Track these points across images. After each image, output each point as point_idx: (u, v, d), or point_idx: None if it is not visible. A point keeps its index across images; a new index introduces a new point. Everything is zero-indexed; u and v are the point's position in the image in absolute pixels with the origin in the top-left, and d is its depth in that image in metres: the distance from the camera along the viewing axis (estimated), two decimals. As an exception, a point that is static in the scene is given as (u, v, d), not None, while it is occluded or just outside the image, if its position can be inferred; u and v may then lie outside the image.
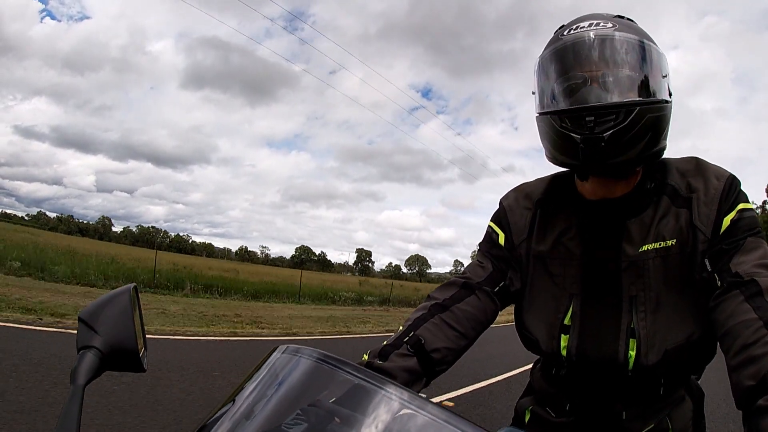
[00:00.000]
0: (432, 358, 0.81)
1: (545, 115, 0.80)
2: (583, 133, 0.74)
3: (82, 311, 0.58)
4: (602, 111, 0.73)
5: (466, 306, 0.87)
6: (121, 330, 0.58)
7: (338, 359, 0.47)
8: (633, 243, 0.80)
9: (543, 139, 0.84)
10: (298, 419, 0.48)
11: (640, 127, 0.74)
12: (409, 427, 0.41)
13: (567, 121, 0.76)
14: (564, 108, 0.77)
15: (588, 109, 0.73)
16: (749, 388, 0.60)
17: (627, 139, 0.73)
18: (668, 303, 0.79)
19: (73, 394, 0.50)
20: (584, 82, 0.76)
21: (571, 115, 0.75)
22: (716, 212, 0.77)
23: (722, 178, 0.80)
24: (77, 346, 0.56)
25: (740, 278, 0.70)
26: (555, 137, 0.79)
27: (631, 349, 0.79)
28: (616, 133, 0.73)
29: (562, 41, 0.79)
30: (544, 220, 0.90)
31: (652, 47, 0.78)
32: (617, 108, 0.73)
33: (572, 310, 0.84)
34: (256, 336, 7.66)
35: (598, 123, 0.73)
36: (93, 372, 0.54)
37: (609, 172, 0.79)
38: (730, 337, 0.67)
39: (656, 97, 0.76)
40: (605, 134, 0.72)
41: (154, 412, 3.27)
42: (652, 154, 0.78)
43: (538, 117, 0.83)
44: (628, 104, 0.73)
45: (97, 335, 0.57)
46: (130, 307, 0.60)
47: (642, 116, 0.73)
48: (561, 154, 0.80)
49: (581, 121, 0.74)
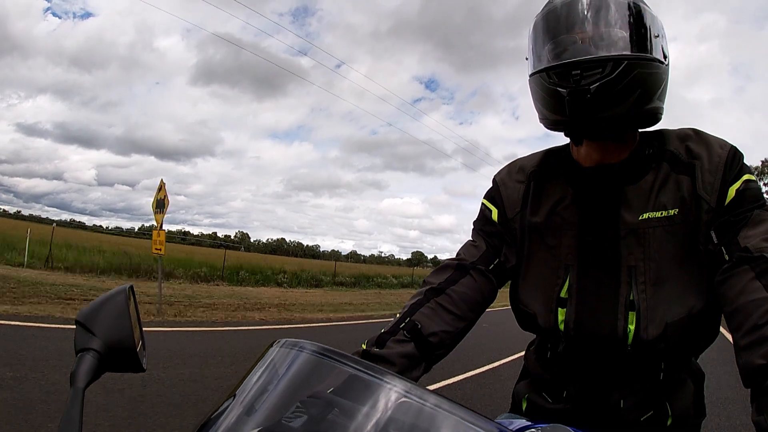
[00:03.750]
0: (429, 342, 0.81)
1: (535, 75, 0.79)
2: (569, 86, 0.73)
3: (79, 313, 0.58)
4: (589, 64, 0.72)
5: (462, 287, 0.86)
6: (119, 330, 0.58)
7: (335, 351, 0.47)
8: (632, 210, 0.79)
9: (535, 101, 0.83)
10: (298, 412, 0.48)
11: (629, 81, 0.72)
12: (408, 416, 0.41)
13: (554, 76, 0.75)
14: (551, 64, 0.76)
15: (574, 63, 0.73)
16: (759, 367, 0.60)
17: (615, 93, 0.72)
18: (669, 275, 0.77)
19: (74, 397, 0.50)
20: (572, 41, 0.75)
21: (558, 70, 0.75)
22: (721, 181, 0.75)
23: (725, 147, 0.78)
24: (75, 348, 0.56)
25: (749, 253, 0.69)
26: (544, 95, 0.78)
27: (630, 323, 0.77)
28: (602, 85, 0.71)
29: (553, 4, 0.79)
30: (539, 191, 0.89)
31: (644, 7, 0.76)
32: (604, 61, 0.72)
33: (569, 281, 0.82)
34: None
35: (584, 76, 0.72)
36: (92, 374, 0.54)
37: (600, 130, 0.77)
38: (739, 315, 0.66)
39: (647, 54, 0.74)
40: (591, 86, 0.71)
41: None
42: (644, 112, 0.76)
43: (530, 79, 0.82)
44: (615, 57, 0.72)
45: (95, 337, 0.57)
46: (126, 307, 0.60)
47: (630, 70, 0.72)
48: (550, 111, 0.79)
49: (567, 75, 0.73)
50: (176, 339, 5.84)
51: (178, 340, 5.75)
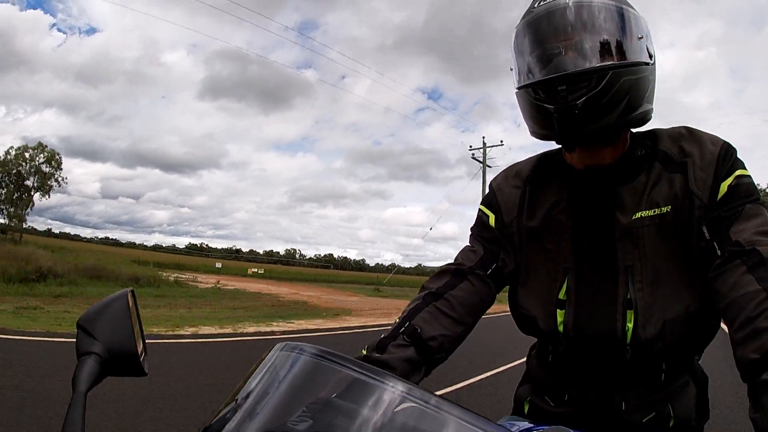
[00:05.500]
0: (429, 346, 0.80)
1: (521, 89, 0.79)
2: (556, 102, 0.73)
3: (81, 318, 0.58)
4: (574, 79, 0.71)
5: (460, 292, 0.86)
6: (121, 335, 0.58)
7: (336, 354, 0.47)
8: (626, 211, 0.79)
9: (523, 114, 0.83)
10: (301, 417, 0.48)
11: (616, 91, 0.72)
12: (411, 419, 0.41)
13: (540, 92, 0.75)
14: (536, 80, 0.75)
15: (559, 79, 0.72)
16: (754, 361, 0.59)
17: (602, 105, 0.72)
18: (665, 272, 0.77)
19: (75, 402, 0.50)
20: (556, 53, 0.74)
21: (543, 86, 0.74)
22: (713, 177, 0.75)
23: (717, 143, 0.78)
24: (77, 352, 0.56)
25: (741, 247, 0.69)
26: (531, 110, 0.78)
27: (628, 321, 0.77)
28: (589, 99, 0.71)
29: (533, 13, 0.77)
30: (534, 196, 0.89)
31: (626, 9, 0.76)
32: (589, 74, 0.71)
33: (567, 284, 0.83)
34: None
35: (570, 91, 0.72)
36: (94, 378, 0.54)
37: (591, 140, 0.77)
38: (733, 309, 0.66)
39: (631, 60, 0.74)
40: (578, 102, 0.71)
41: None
42: (633, 117, 0.76)
43: (516, 93, 0.82)
44: (599, 69, 0.72)
45: (96, 341, 0.57)
46: (128, 311, 0.60)
47: (616, 80, 0.72)
48: (539, 126, 0.79)
49: (554, 91, 0.73)
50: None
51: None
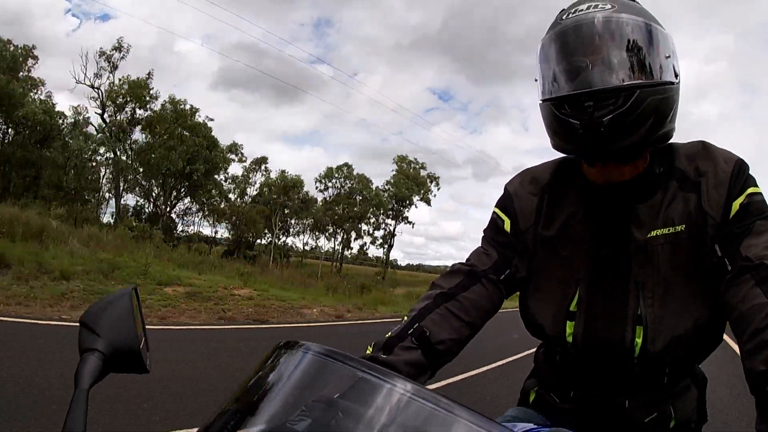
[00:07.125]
0: (437, 350, 0.80)
1: (546, 102, 0.78)
2: (582, 118, 0.72)
3: (84, 314, 0.58)
4: (601, 95, 0.71)
5: (472, 294, 0.85)
6: (123, 331, 0.58)
7: (341, 353, 0.47)
8: (642, 227, 0.79)
9: (546, 127, 0.82)
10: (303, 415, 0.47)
11: (642, 110, 0.71)
12: (415, 419, 0.41)
13: (566, 107, 0.74)
14: (562, 94, 0.75)
15: (586, 94, 0.71)
16: (761, 373, 0.60)
17: (628, 124, 0.71)
18: (676, 289, 0.78)
19: (77, 398, 0.50)
20: (583, 67, 0.73)
21: (569, 100, 0.73)
22: (726, 196, 0.76)
23: (730, 161, 0.78)
24: (79, 349, 0.56)
25: (750, 262, 0.69)
26: (555, 124, 0.77)
27: (637, 336, 0.78)
28: (616, 117, 0.70)
29: (560, 25, 0.77)
30: (552, 205, 0.88)
31: (654, 27, 0.75)
32: (616, 92, 0.71)
33: (578, 295, 0.83)
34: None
35: (597, 108, 0.71)
36: (96, 375, 0.54)
37: (614, 158, 0.77)
38: (742, 322, 0.66)
39: (658, 79, 0.73)
40: (605, 119, 0.70)
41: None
42: (657, 137, 0.76)
43: (540, 104, 0.81)
44: (627, 87, 0.71)
45: (99, 338, 0.56)
46: (131, 308, 0.60)
47: (643, 99, 0.71)
48: (562, 141, 0.78)
49: (580, 106, 0.72)
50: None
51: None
